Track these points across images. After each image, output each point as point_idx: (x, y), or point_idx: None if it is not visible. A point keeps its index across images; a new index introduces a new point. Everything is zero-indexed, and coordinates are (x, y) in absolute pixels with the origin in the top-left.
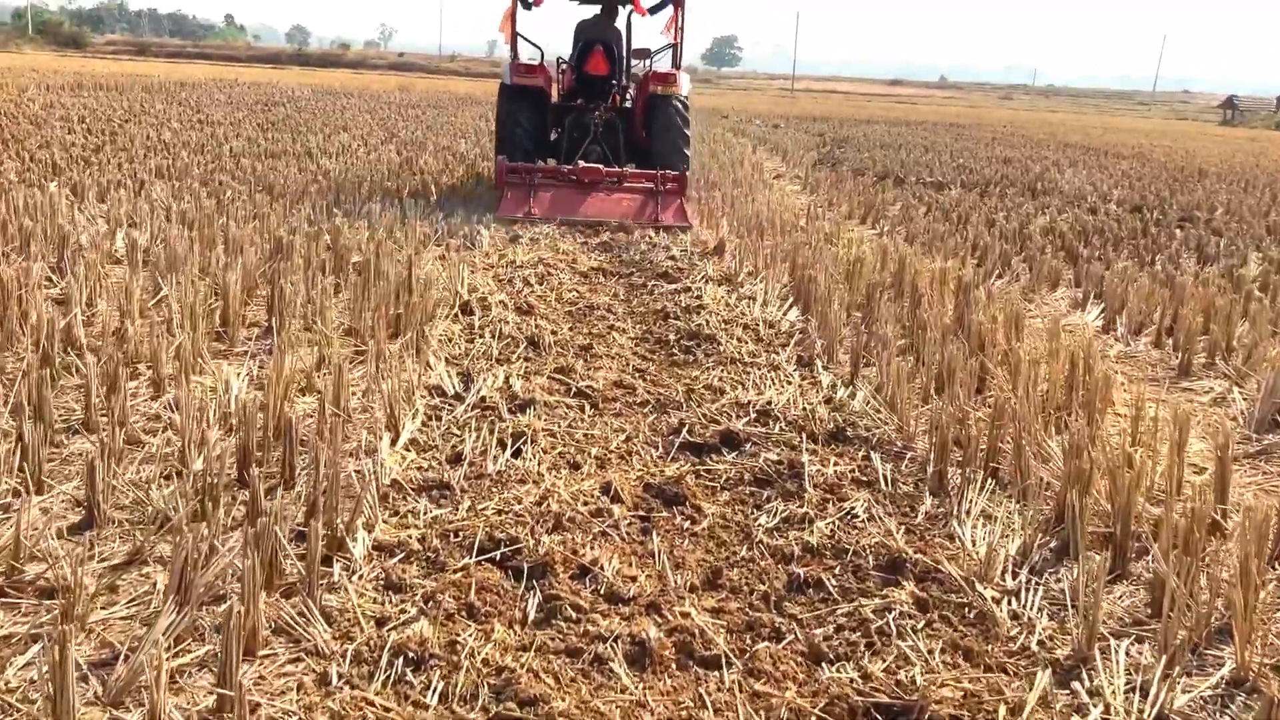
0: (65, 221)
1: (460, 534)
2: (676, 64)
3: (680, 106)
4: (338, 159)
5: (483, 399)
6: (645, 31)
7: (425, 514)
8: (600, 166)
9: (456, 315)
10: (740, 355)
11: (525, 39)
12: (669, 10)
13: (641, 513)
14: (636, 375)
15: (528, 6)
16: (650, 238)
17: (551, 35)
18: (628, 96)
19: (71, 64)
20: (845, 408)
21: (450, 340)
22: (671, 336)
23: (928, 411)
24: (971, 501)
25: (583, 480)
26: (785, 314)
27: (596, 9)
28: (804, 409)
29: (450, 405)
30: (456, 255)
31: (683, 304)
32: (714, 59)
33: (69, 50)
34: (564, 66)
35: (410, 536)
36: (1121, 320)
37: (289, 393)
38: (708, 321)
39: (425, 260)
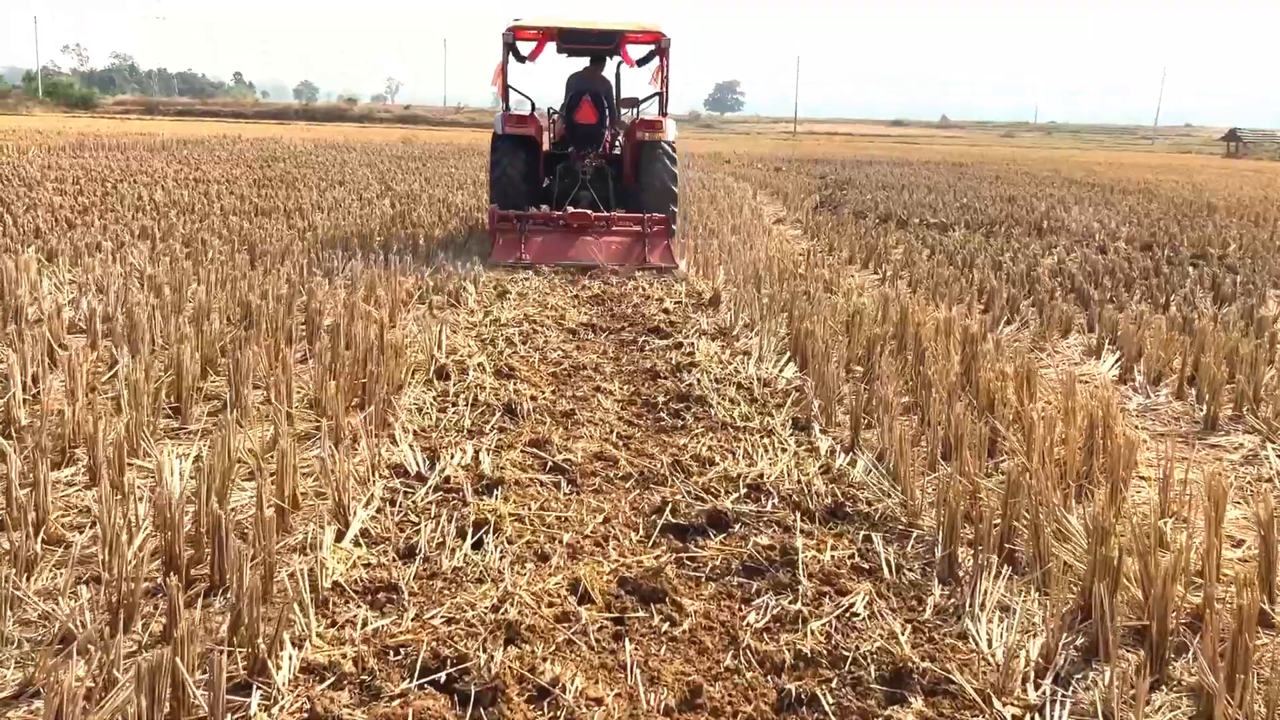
0: (26, 290)
1: (402, 650)
2: (663, 111)
3: (667, 151)
4: (330, 214)
5: (447, 479)
6: (635, 81)
7: (366, 625)
8: (589, 211)
9: (431, 380)
10: (732, 419)
11: (517, 91)
12: (656, 60)
13: (614, 614)
14: (620, 444)
15: (520, 59)
16: (644, 289)
17: (543, 87)
18: (617, 144)
19: (78, 125)
20: (845, 478)
21: (421, 410)
22: (660, 398)
23: (935, 481)
24: (986, 592)
25: (549, 576)
26: (781, 370)
27: (586, 61)
28: (799, 481)
29: (411, 487)
30: (439, 314)
31: (674, 362)
32: (716, 104)
33: (78, 111)
34: (555, 116)
35: (345, 655)
36: (1139, 369)
37: (230, 480)
38: (699, 381)
39: (406, 320)
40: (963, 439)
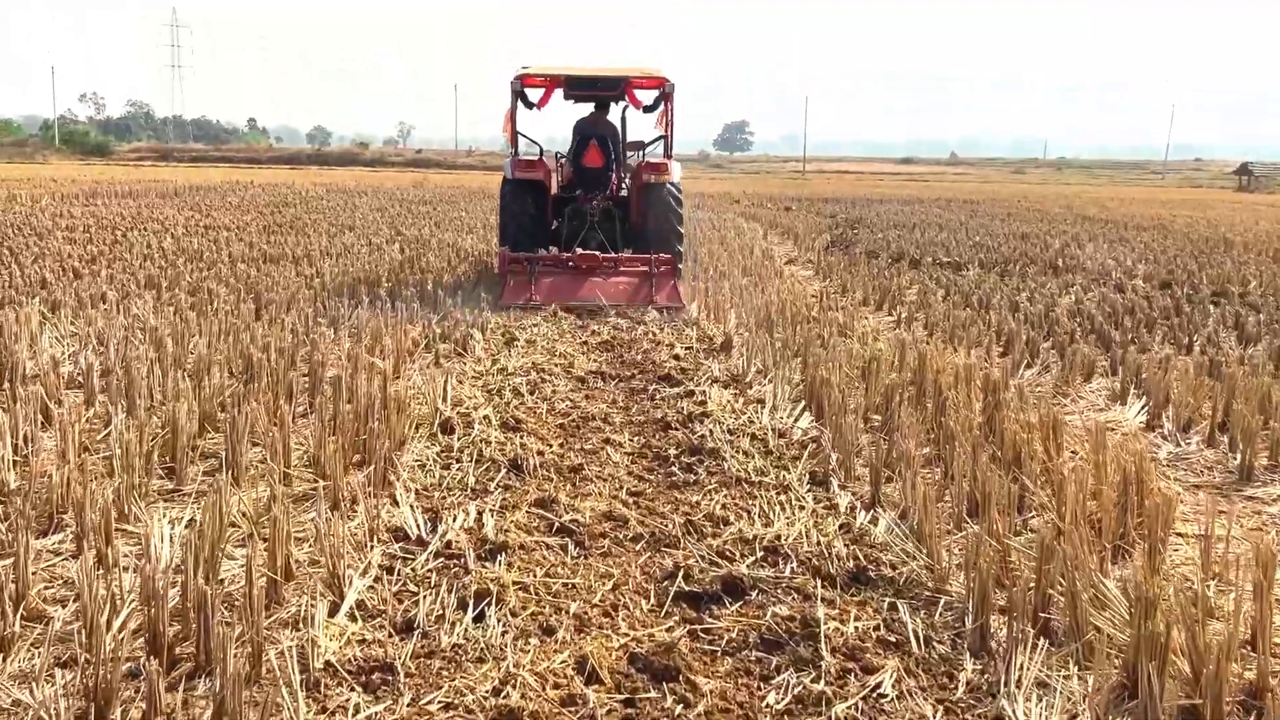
0: (25, 345)
1: None
2: (668, 154)
3: (672, 193)
4: (339, 260)
5: (449, 544)
6: (641, 124)
7: (358, 712)
8: (597, 253)
9: (436, 435)
10: (747, 473)
11: (525, 136)
12: (662, 105)
13: (624, 694)
14: (630, 502)
15: (529, 106)
16: (654, 334)
17: (552, 129)
18: (624, 186)
19: (93, 172)
20: (866, 538)
21: (424, 466)
22: (672, 451)
23: (961, 540)
24: (1022, 667)
25: (555, 653)
26: (797, 420)
27: (593, 106)
28: (818, 543)
29: (411, 553)
30: (445, 363)
31: (685, 411)
32: (725, 144)
33: (94, 159)
34: (563, 160)
35: None
36: (1167, 415)
37: (221, 548)
38: (712, 432)
39: (411, 370)
40: (990, 497)
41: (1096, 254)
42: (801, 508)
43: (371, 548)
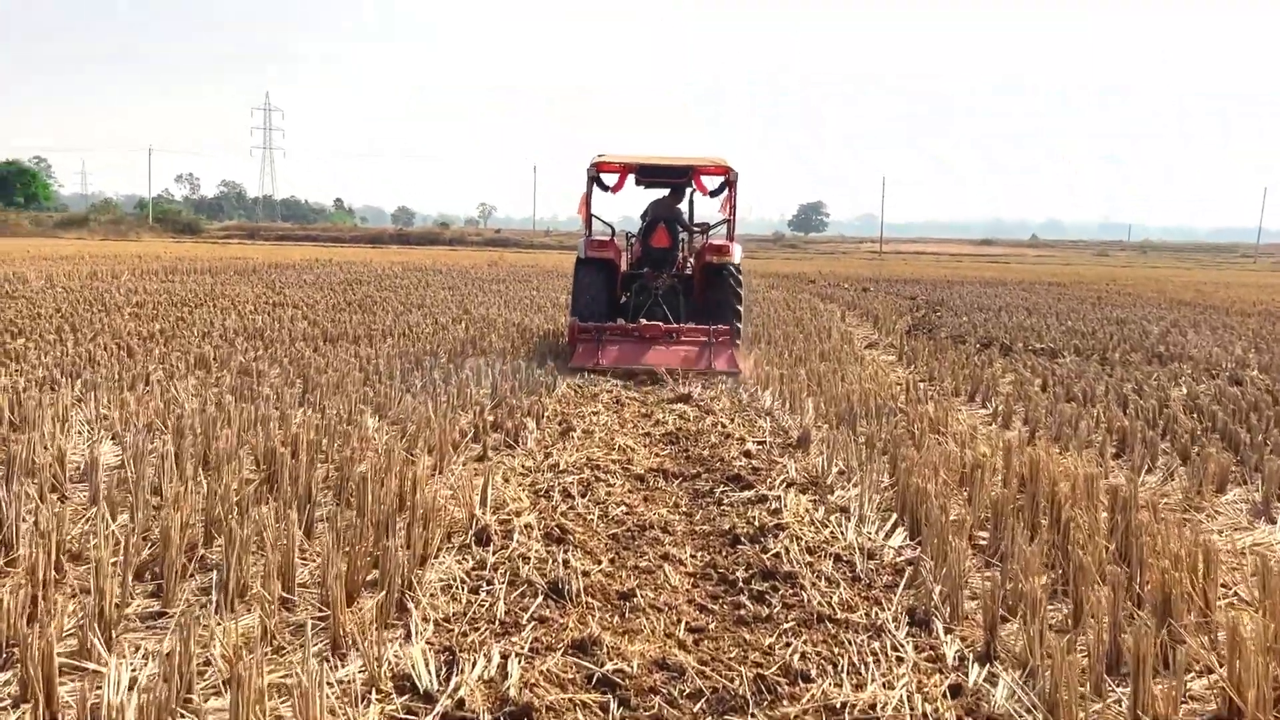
0: (45, 430)
1: None
2: (730, 236)
3: (733, 273)
4: (400, 340)
5: (461, 702)
6: (708, 207)
7: None
8: (660, 323)
9: (469, 546)
10: (830, 607)
11: (599, 219)
12: (726, 190)
13: None
14: (689, 643)
15: (604, 190)
16: (723, 425)
17: (624, 208)
18: (688, 264)
19: (179, 249)
20: (983, 706)
21: (449, 588)
22: (740, 574)
23: (1102, 711)
24: None
25: None
26: (888, 537)
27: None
28: (925, 716)
29: (416, 713)
30: (494, 456)
31: (757, 522)
32: (801, 225)
33: (184, 236)
34: (633, 240)
35: None
36: None
37: (178, 705)
38: (788, 550)
39: (455, 465)
40: (1144, 661)
41: (1201, 342)
42: (900, 659)
43: (369, 704)
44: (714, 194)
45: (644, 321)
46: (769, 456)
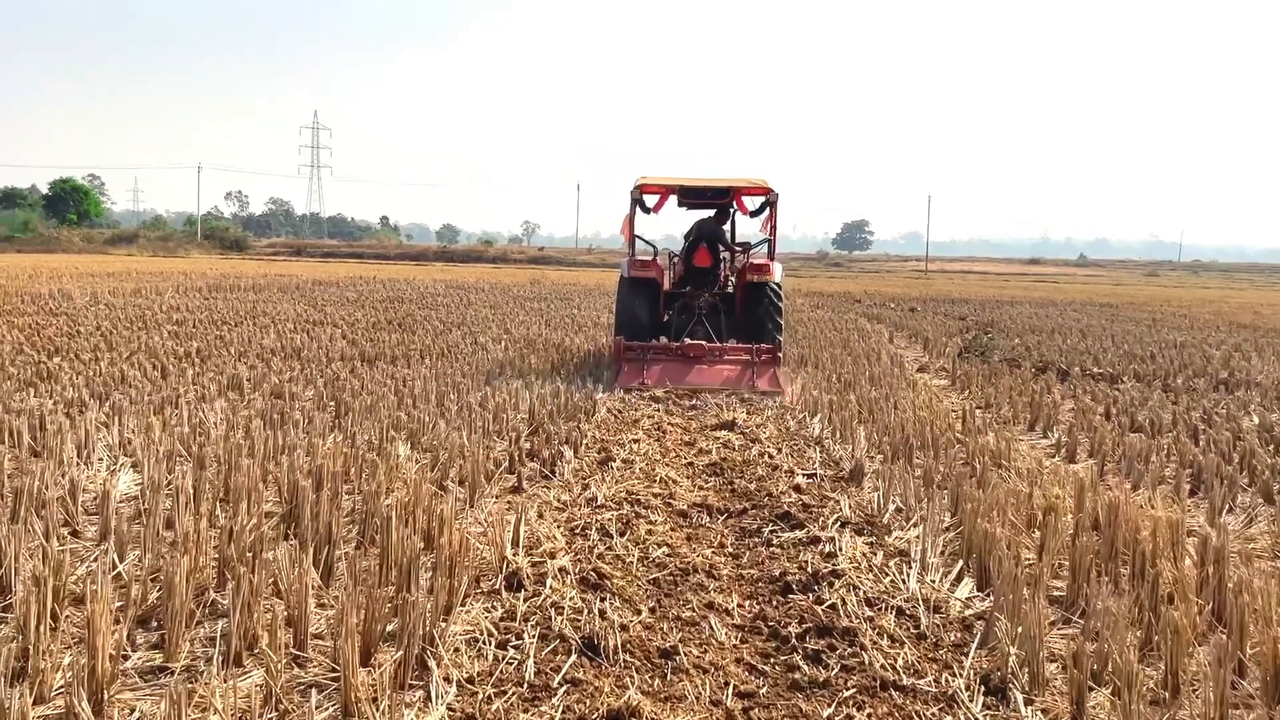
0: (54, 461)
1: None
2: (771, 255)
3: (774, 291)
4: (438, 361)
5: None
6: (750, 226)
7: None
8: (704, 342)
9: (499, 591)
10: (894, 670)
11: (642, 239)
12: (766, 210)
13: None
14: (737, 712)
15: (646, 211)
16: (770, 456)
17: (665, 227)
18: (729, 283)
19: (225, 266)
20: None
21: (475, 642)
22: (793, 627)
23: None
24: None
25: None
26: (954, 587)
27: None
28: None
29: None
30: (528, 488)
31: (810, 567)
32: (845, 243)
33: (231, 253)
34: (675, 260)
35: None
36: None
37: None
38: (844, 601)
39: (487, 498)
40: None
41: (1267, 367)
42: None
43: None
44: (754, 214)
45: (688, 340)
46: (820, 491)
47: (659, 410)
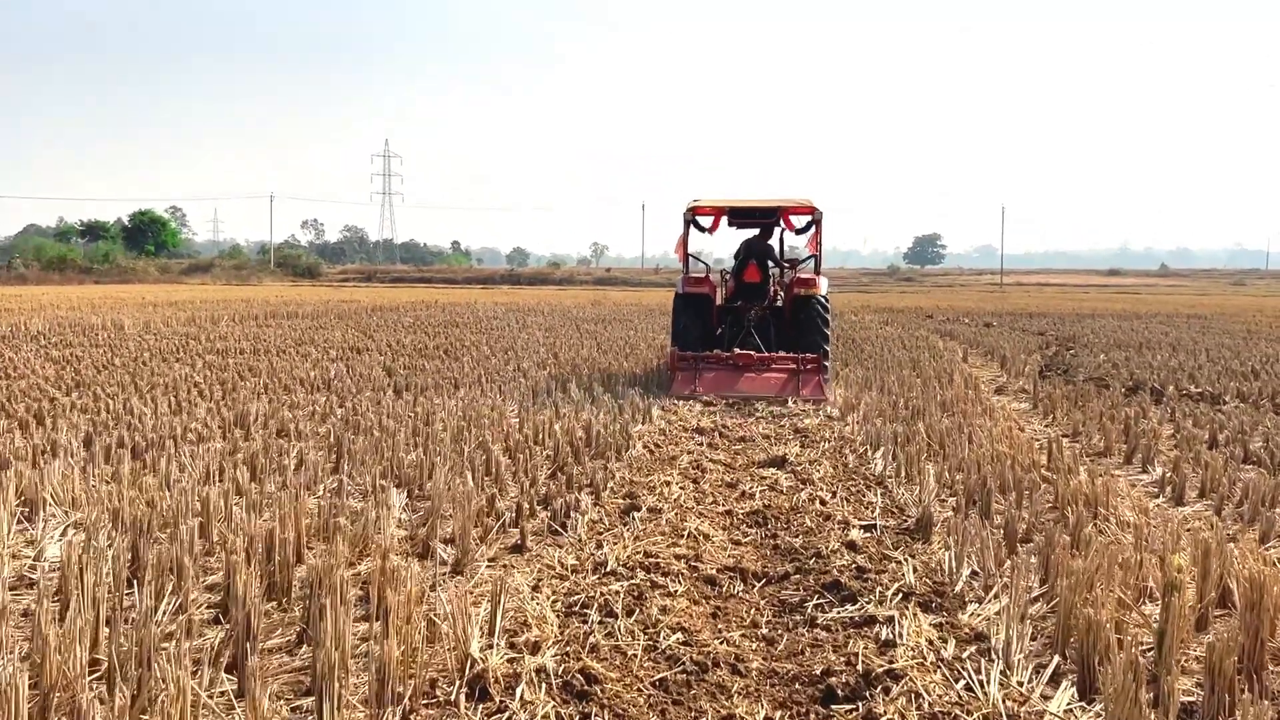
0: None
1: None
2: (817, 270)
3: (820, 305)
4: (472, 389)
5: None
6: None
7: None
8: (753, 352)
9: (456, 704)
10: None
11: (695, 258)
12: (813, 228)
13: None
14: None
15: (700, 230)
16: (822, 501)
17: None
18: (778, 297)
19: (293, 293)
20: None
21: None
22: None
23: None
24: None
25: None
26: (1049, 693)
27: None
28: None
29: None
30: (533, 546)
31: (861, 661)
32: (916, 258)
33: (303, 280)
34: (727, 276)
35: None
36: None
37: None
38: (903, 717)
39: (478, 560)
40: None
41: None
42: None
43: None
44: (801, 231)
45: (738, 350)
46: (879, 549)
47: (701, 444)
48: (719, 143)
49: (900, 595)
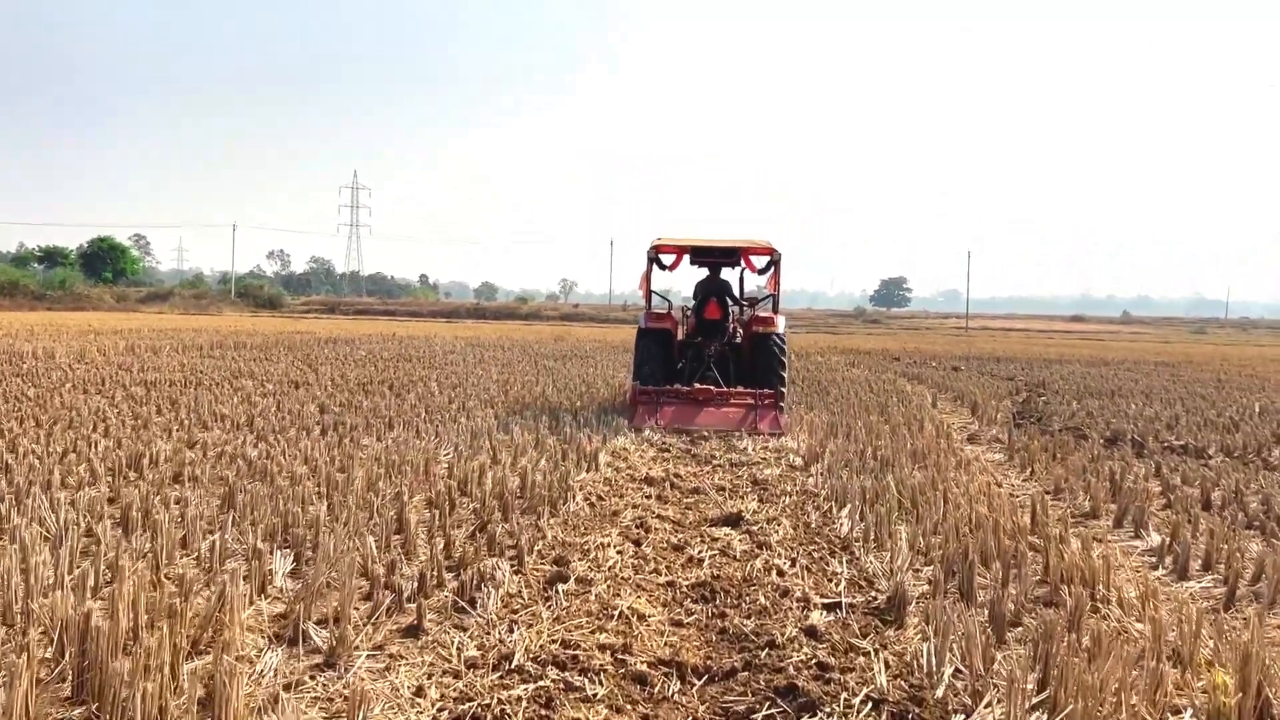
0: None
1: None
2: (775, 309)
3: (777, 342)
4: (406, 429)
5: None
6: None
7: None
8: (712, 387)
9: None
10: None
11: (658, 294)
12: (772, 269)
13: None
14: None
15: (663, 267)
16: (779, 570)
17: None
18: (737, 334)
19: (251, 323)
20: None
21: None
22: None
23: None
24: None
25: None
26: None
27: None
28: None
29: None
30: (429, 630)
31: None
32: (883, 300)
33: (264, 311)
34: (688, 313)
35: None
36: None
37: None
38: None
39: (361, 650)
40: None
41: None
42: None
43: None
44: (761, 271)
45: (697, 385)
46: (844, 636)
47: (650, 497)
48: (685, 182)
49: (870, 705)
